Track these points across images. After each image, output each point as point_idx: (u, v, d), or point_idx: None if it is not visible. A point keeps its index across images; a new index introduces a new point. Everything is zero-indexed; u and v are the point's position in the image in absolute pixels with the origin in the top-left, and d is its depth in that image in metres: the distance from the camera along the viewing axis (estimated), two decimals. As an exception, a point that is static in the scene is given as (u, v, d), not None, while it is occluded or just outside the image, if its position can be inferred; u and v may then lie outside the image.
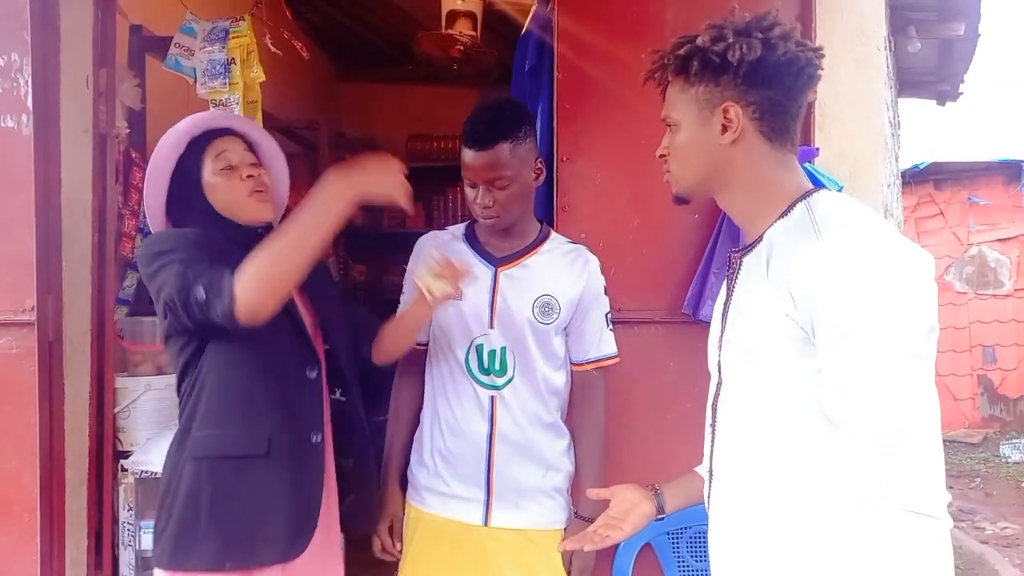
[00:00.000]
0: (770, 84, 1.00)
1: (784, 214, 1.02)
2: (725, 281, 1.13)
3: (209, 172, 1.39)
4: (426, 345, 1.66)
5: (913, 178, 6.52)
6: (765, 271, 0.99)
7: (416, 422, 1.68)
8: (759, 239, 1.04)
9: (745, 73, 0.99)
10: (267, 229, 1.41)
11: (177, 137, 1.39)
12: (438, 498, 1.59)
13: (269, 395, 1.32)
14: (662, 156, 1.10)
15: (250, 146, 1.46)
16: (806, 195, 1.02)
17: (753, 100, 1.00)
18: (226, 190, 1.39)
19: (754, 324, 1.00)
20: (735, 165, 1.03)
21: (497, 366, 1.56)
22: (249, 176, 1.39)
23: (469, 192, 1.55)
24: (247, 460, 1.31)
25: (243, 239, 1.35)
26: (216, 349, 1.32)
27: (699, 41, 1.00)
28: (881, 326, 0.88)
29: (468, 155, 1.53)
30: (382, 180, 1.24)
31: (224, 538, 1.28)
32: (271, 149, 1.52)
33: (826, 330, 0.91)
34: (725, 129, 1.02)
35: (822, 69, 1.03)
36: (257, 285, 1.17)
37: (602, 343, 1.63)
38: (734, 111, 1.01)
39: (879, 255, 0.90)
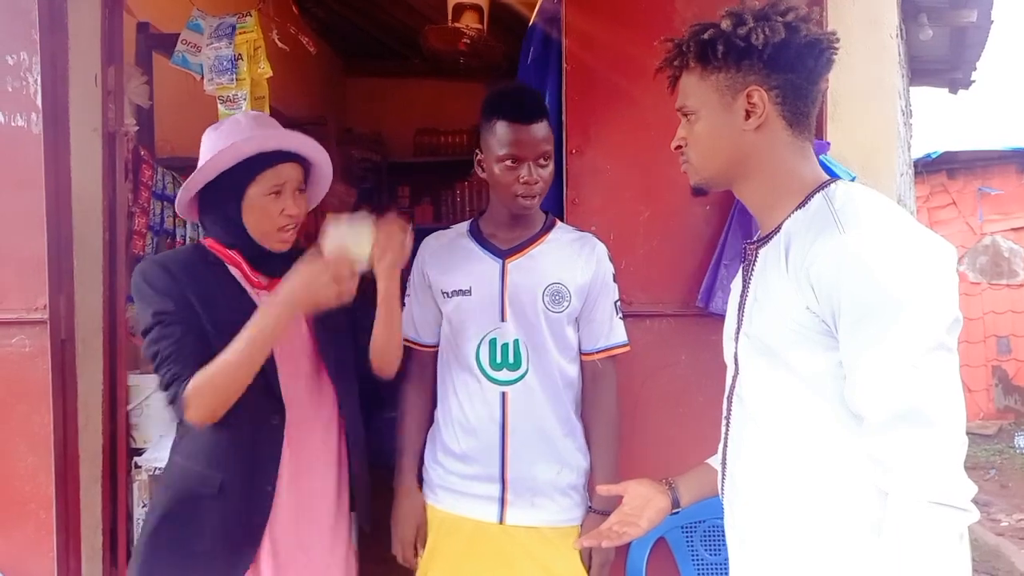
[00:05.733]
0: (792, 67, 0.99)
1: (801, 205, 1.01)
2: (741, 273, 1.12)
3: (256, 192, 1.38)
4: (434, 347, 1.65)
5: (925, 167, 6.45)
6: (784, 263, 0.98)
7: (427, 426, 1.66)
8: (776, 230, 1.03)
9: (769, 56, 0.98)
10: (279, 254, 1.42)
11: (247, 146, 1.36)
12: (452, 496, 1.58)
13: (230, 439, 1.37)
14: (678, 148, 1.09)
15: (305, 168, 1.46)
16: (823, 186, 1.01)
17: (776, 84, 0.99)
18: (261, 214, 1.39)
19: (774, 317, 0.99)
20: (757, 152, 1.02)
21: (511, 359, 1.54)
22: (289, 215, 1.39)
23: (508, 173, 1.48)
24: (200, 497, 1.37)
25: (255, 253, 1.41)
26: None
27: (723, 25, 0.99)
28: (907, 318, 0.87)
29: (516, 130, 1.46)
30: (318, 292, 1.28)
31: (162, 566, 1.37)
32: (324, 167, 1.51)
33: (850, 322, 0.90)
34: (749, 115, 1.00)
35: (837, 52, 1.02)
36: (204, 401, 1.29)
37: (612, 332, 1.60)
38: (758, 95, 0.99)
39: (903, 246, 0.89)
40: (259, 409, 1.38)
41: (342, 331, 1.51)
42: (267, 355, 1.31)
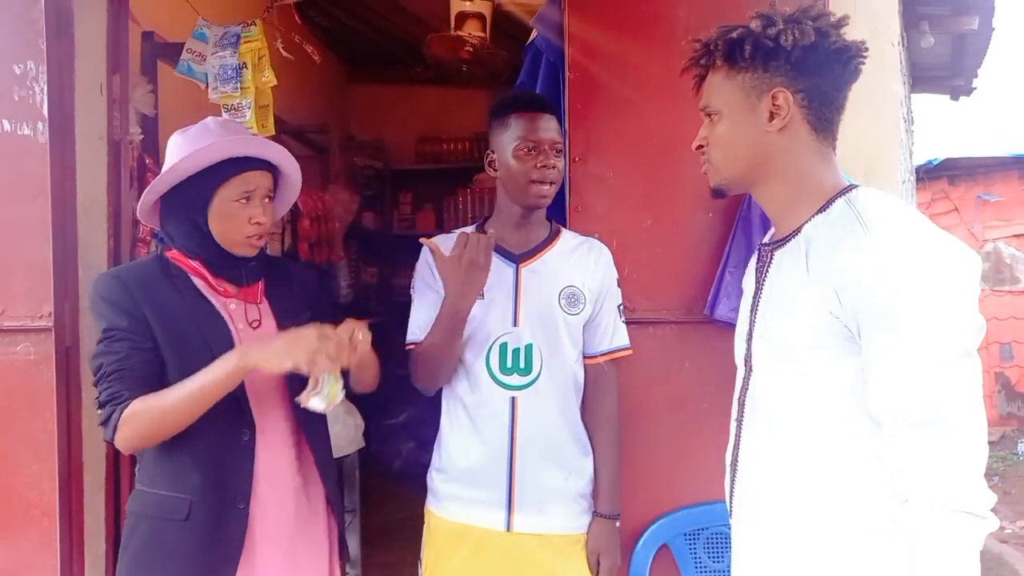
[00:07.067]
0: (820, 72, 0.99)
1: (822, 209, 1.00)
2: (754, 275, 1.12)
3: (224, 198, 1.34)
4: None
5: (927, 174, 6.45)
6: (804, 266, 0.97)
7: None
8: (794, 233, 1.02)
9: (797, 59, 0.98)
10: (244, 259, 1.39)
11: (216, 151, 1.31)
12: (458, 504, 1.57)
13: (195, 459, 1.31)
14: (699, 147, 1.09)
15: (274, 174, 1.42)
16: (845, 191, 1.01)
17: (802, 87, 1.00)
18: (229, 222, 1.35)
19: (792, 320, 0.98)
20: (779, 154, 1.02)
21: (522, 364, 1.54)
22: (257, 223, 1.36)
23: (524, 161, 1.51)
24: (167, 522, 1.32)
25: (220, 261, 1.37)
26: None
27: (752, 26, 1.00)
28: (932, 324, 0.87)
29: (532, 118, 1.53)
30: (283, 356, 1.20)
31: None
32: (292, 175, 1.48)
33: (873, 326, 0.90)
34: (773, 116, 1.00)
35: (865, 61, 1.02)
36: (140, 431, 1.25)
37: (616, 335, 1.62)
38: (783, 97, 1.00)
39: (928, 253, 0.89)
40: (228, 427, 1.33)
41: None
42: (212, 402, 1.25)
